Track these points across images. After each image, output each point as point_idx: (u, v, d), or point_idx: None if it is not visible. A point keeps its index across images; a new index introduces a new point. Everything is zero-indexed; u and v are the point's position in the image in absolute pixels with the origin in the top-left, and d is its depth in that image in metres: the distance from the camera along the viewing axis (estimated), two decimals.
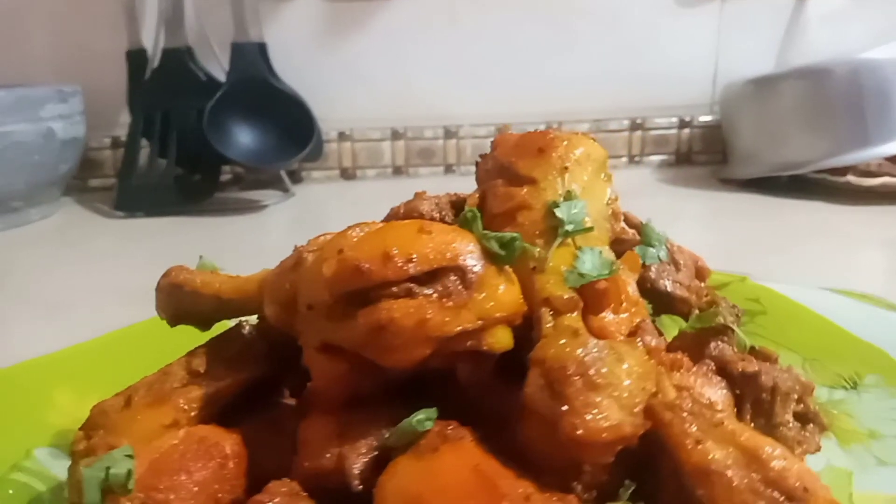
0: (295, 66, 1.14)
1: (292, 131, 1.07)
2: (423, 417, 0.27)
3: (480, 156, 0.37)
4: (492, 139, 0.37)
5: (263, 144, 1.07)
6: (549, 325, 0.27)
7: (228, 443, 0.31)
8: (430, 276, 0.27)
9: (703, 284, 0.40)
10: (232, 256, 0.59)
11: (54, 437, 0.40)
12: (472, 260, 0.28)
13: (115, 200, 1.07)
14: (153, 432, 0.31)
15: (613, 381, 0.25)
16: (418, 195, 0.38)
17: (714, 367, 0.31)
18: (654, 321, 0.34)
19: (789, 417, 0.30)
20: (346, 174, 1.25)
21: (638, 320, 0.30)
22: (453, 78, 1.24)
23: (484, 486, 0.24)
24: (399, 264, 0.27)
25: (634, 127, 1.31)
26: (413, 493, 0.25)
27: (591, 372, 0.25)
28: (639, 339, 0.28)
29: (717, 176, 1.23)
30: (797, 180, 1.10)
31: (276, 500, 0.26)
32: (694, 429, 0.25)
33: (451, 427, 0.27)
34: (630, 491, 0.28)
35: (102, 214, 1.07)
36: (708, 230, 0.97)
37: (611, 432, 0.24)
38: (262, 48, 1.08)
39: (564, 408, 0.24)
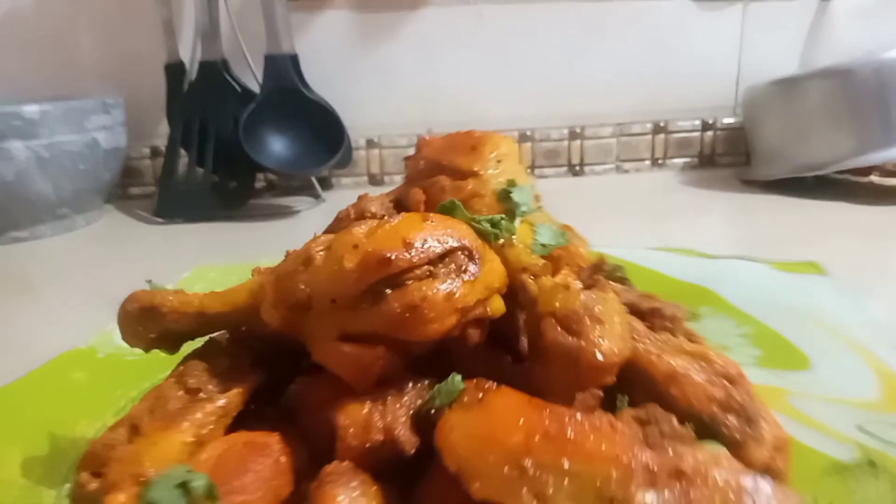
0: (325, 76, 1.18)
1: (323, 139, 1.10)
2: (458, 378, 0.31)
3: (406, 157, 0.43)
4: (517, 143, 0.41)
5: (295, 152, 1.11)
6: (534, 287, 0.33)
7: (273, 441, 0.32)
8: (442, 258, 0.31)
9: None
10: (266, 259, 0.63)
11: None
12: (472, 240, 0.33)
13: (155, 207, 1.12)
14: (178, 453, 0.31)
15: (608, 317, 0.31)
16: (362, 197, 0.43)
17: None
18: None
19: (684, 337, 0.37)
20: (375, 180, 1.29)
21: (595, 276, 0.37)
22: (478, 85, 1.27)
23: (545, 408, 0.28)
24: (420, 249, 0.30)
25: (657, 130, 1.32)
26: (482, 435, 0.28)
27: (595, 312, 0.30)
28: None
29: (740, 178, 1.23)
30: (821, 181, 1.10)
31: (344, 477, 0.29)
32: (653, 348, 0.33)
33: (476, 381, 0.31)
34: (626, 402, 0.34)
35: (143, 220, 1.12)
36: (732, 231, 0.98)
37: (618, 356, 0.30)
38: (294, 59, 1.11)
39: (583, 343, 0.30)
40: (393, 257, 0.30)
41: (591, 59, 1.28)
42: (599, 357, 0.29)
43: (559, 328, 0.30)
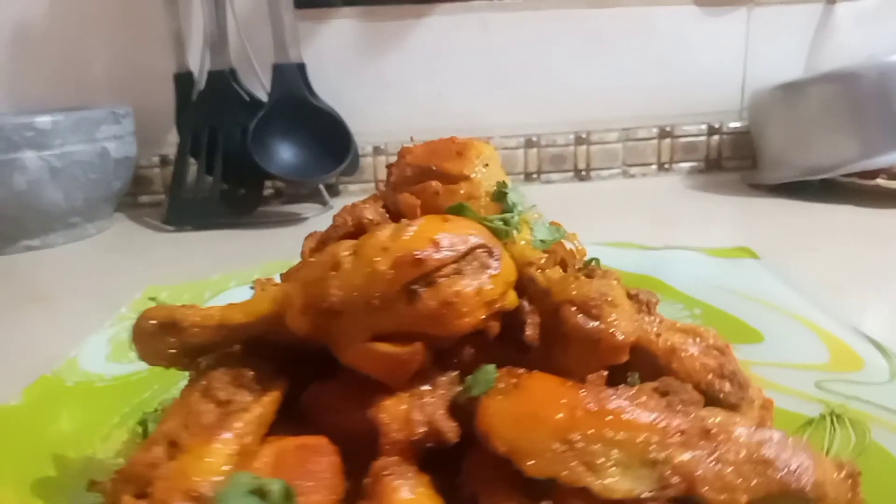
0: (332, 85, 1.19)
1: (330, 147, 1.11)
2: (492, 367, 0.33)
3: (389, 165, 0.44)
4: (521, 149, 0.43)
5: (303, 160, 1.12)
6: (542, 279, 0.35)
7: (323, 442, 0.32)
8: (464, 255, 0.33)
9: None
10: (275, 265, 0.64)
11: None
12: (489, 237, 0.34)
13: (165, 215, 1.13)
14: (225, 464, 0.30)
15: (620, 302, 0.33)
16: (355, 205, 0.44)
17: None
18: None
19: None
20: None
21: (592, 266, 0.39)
22: (484, 92, 1.27)
23: (580, 387, 0.31)
24: (447, 248, 0.32)
25: (663, 135, 1.32)
26: (527, 416, 0.30)
27: (609, 298, 0.33)
28: None
29: (746, 181, 1.24)
30: (827, 184, 1.10)
31: (399, 469, 0.30)
32: (651, 327, 0.37)
33: (507, 369, 0.33)
34: (637, 378, 0.36)
35: (153, 228, 1.13)
36: (739, 235, 0.99)
37: (633, 336, 0.33)
38: (301, 68, 1.12)
39: (602, 326, 0.32)
40: (425, 257, 0.31)
41: (596, 65, 1.29)
42: (620, 337, 0.32)
43: (580, 314, 0.32)
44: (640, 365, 0.36)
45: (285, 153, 1.11)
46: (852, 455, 0.38)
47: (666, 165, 1.34)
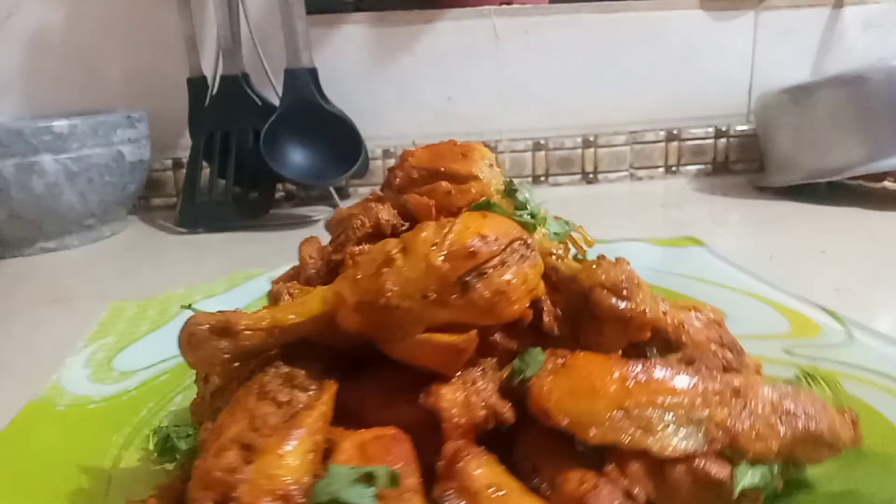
0: (343, 89, 1.21)
1: (341, 150, 1.13)
2: (539, 350, 0.36)
3: (391, 169, 0.46)
4: (530, 151, 0.45)
5: (314, 163, 1.13)
6: (566, 267, 0.38)
7: (396, 431, 0.33)
8: (505, 248, 0.35)
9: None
10: (287, 267, 0.66)
11: None
12: (521, 230, 0.36)
13: (178, 218, 1.15)
14: (306, 461, 0.30)
15: (642, 284, 0.37)
16: (367, 208, 0.45)
17: None
18: None
19: None
20: None
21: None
22: (493, 95, 1.29)
23: (625, 361, 0.34)
24: (493, 241, 0.34)
25: (671, 138, 1.33)
26: (584, 391, 0.33)
27: (635, 281, 0.36)
28: None
29: (753, 184, 1.24)
30: (833, 187, 1.11)
31: (471, 450, 0.32)
32: (660, 306, 0.39)
33: (552, 351, 0.36)
34: (655, 352, 0.39)
35: (166, 231, 1.15)
36: (746, 237, 0.99)
37: (656, 313, 0.37)
38: (312, 73, 1.14)
39: (632, 305, 0.35)
40: (477, 249, 0.34)
41: (604, 69, 1.30)
42: (649, 315, 0.36)
43: (612, 295, 0.36)
44: (654, 340, 0.38)
45: (297, 156, 1.13)
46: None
47: (673, 168, 1.35)
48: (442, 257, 0.33)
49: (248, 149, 1.11)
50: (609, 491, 0.31)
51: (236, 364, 0.37)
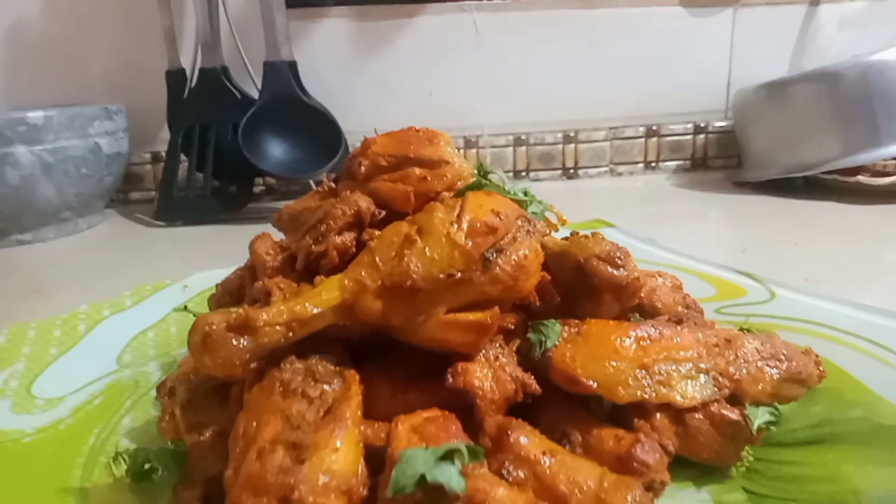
0: (323, 83, 1.20)
1: (321, 144, 1.12)
2: (554, 321, 0.38)
3: (351, 157, 0.45)
4: (511, 147, 0.47)
5: (294, 157, 1.13)
6: (554, 242, 0.41)
7: (443, 412, 0.33)
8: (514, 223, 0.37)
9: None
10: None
11: None
12: (521, 208, 0.38)
13: (156, 211, 1.14)
14: (357, 451, 0.30)
15: (630, 254, 0.39)
16: (344, 199, 0.42)
17: None
18: None
19: None
20: None
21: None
22: (474, 90, 1.29)
23: (635, 324, 0.38)
24: (507, 217, 0.36)
25: (650, 134, 1.34)
26: (605, 355, 0.36)
27: (626, 251, 0.39)
28: None
29: (731, 179, 1.26)
30: (810, 182, 1.12)
31: (513, 422, 0.33)
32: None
33: (565, 321, 0.39)
34: (637, 316, 0.42)
35: (144, 224, 1.14)
36: (724, 232, 1.00)
37: (644, 279, 0.39)
38: (292, 66, 1.13)
39: (626, 273, 0.38)
40: (496, 224, 0.35)
41: (584, 65, 1.30)
42: (642, 282, 0.39)
43: (608, 265, 0.38)
44: (636, 307, 0.42)
45: (276, 150, 1.12)
46: None
47: (653, 164, 1.36)
48: (463, 235, 0.34)
49: (226, 142, 1.10)
50: (650, 443, 0.33)
51: (253, 365, 0.34)
